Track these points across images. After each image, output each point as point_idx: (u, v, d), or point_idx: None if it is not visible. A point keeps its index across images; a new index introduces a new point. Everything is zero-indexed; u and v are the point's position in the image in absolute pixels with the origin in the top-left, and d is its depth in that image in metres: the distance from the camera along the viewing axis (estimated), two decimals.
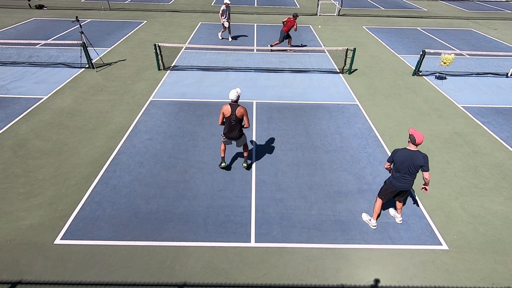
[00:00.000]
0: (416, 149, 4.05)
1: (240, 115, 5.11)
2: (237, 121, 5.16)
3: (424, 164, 4.02)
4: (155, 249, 4.37)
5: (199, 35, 13.80)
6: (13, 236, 4.49)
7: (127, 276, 4.02)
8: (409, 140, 4.10)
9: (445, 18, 18.36)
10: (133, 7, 18.53)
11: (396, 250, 4.47)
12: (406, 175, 4.18)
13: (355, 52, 10.10)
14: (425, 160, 4.03)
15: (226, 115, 5.12)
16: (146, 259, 4.24)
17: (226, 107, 5.08)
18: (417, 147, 4.06)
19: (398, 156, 4.11)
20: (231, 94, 5.02)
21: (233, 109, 5.06)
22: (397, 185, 4.31)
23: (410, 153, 4.05)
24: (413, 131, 4.05)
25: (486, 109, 8.27)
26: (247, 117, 5.18)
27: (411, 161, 4.05)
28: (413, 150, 4.05)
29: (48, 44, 12.10)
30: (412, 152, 4.05)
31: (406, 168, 4.11)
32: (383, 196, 4.55)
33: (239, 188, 5.47)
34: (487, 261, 4.34)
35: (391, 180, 4.38)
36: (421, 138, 3.96)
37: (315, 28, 15.30)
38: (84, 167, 5.82)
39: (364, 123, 7.49)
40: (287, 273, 4.13)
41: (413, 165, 4.07)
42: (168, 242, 4.47)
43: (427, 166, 4.04)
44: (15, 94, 8.29)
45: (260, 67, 10.57)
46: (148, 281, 3.98)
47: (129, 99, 8.30)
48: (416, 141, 3.98)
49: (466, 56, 12.07)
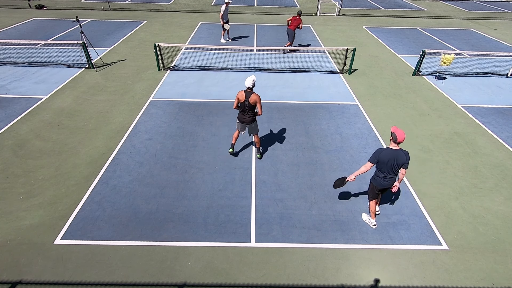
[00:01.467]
0: (399, 148, 4.09)
1: (253, 102, 5.37)
2: (250, 108, 5.46)
3: (406, 161, 4.08)
4: (155, 249, 4.37)
5: (199, 35, 13.80)
6: (13, 236, 4.49)
7: (127, 276, 4.02)
8: (390, 138, 4.11)
9: (445, 18, 18.36)
10: (133, 7, 18.54)
11: (396, 250, 4.47)
12: (390, 173, 4.24)
13: (355, 52, 10.11)
14: (407, 158, 4.07)
15: (241, 100, 5.42)
16: (146, 259, 4.24)
17: (241, 93, 5.38)
18: (399, 145, 4.10)
19: (383, 156, 4.11)
20: (247, 81, 5.29)
21: (247, 96, 5.33)
22: (383, 183, 4.34)
23: (393, 152, 4.08)
24: (395, 129, 4.04)
25: (486, 109, 8.27)
26: (260, 104, 5.45)
27: (395, 160, 4.08)
28: (396, 149, 4.08)
29: (48, 44, 12.11)
30: (395, 151, 4.08)
31: (390, 167, 4.15)
32: (372, 196, 4.60)
33: (239, 188, 5.47)
34: (487, 261, 4.34)
35: (375, 179, 4.41)
36: (403, 136, 3.96)
37: (315, 28, 15.30)
38: (84, 167, 5.82)
39: (364, 123, 7.49)
40: (287, 273, 4.13)
41: (397, 164, 4.11)
42: (168, 242, 4.47)
43: (408, 164, 4.11)
44: (15, 94, 8.29)
45: (260, 67, 10.57)
46: (148, 281, 3.98)
47: (129, 99, 8.30)
48: (397, 140, 3.98)
49: (466, 56, 12.07)
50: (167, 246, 4.42)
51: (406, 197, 5.37)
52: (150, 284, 3.95)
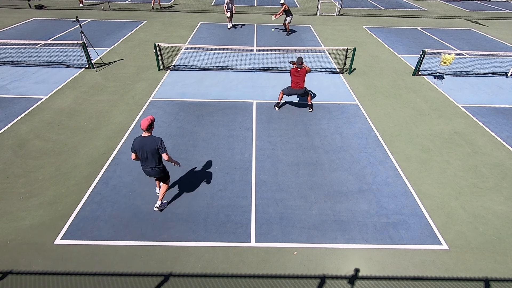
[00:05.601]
0: (149, 134, 4.31)
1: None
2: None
3: (159, 146, 4.30)
4: (155, 249, 4.37)
5: (199, 35, 13.80)
6: (13, 236, 4.49)
7: (127, 276, 4.02)
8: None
9: (445, 18, 18.36)
10: (133, 7, 18.54)
11: (396, 250, 4.47)
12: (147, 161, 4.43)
13: (355, 52, 10.10)
14: (158, 143, 4.30)
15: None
16: (146, 259, 4.24)
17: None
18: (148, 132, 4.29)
19: (135, 145, 4.35)
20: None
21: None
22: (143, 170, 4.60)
23: (143, 139, 4.32)
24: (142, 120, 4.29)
25: (486, 109, 8.27)
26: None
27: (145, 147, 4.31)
28: (145, 136, 4.31)
29: (48, 44, 12.11)
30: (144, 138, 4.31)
31: (145, 154, 4.36)
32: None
33: (239, 188, 5.47)
34: (487, 261, 4.34)
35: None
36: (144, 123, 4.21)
37: (315, 28, 15.30)
38: (84, 167, 5.82)
39: (364, 123, 7.49)
40: (287, 273, 4.13)
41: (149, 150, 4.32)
42: (168, 242, 4.47)
43: (162, 148, 4.31)
44: (15, 94, 8.29)
45: (260, 67, 10.57)
46: (148, 281, 3.98)
47: (129, 99, 8.30)
48: (141, 127, 4.27)
49: (466, 56, 12.07)
50: (167, 246, 4.42)
51: (406, 197, 5.37)
52: (150, 284, 3.95)
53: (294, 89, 7.58)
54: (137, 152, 4.37)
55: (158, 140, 4.31)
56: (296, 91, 7.59)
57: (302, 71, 7.40)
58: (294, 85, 7.55)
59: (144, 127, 4.23)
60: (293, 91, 7.61)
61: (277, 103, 7.95)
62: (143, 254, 4.30)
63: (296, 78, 7.44)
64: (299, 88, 7.55)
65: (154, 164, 4.47)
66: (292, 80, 7.54)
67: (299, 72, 7.39)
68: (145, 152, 4.34)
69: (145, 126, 4.22)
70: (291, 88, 7.60)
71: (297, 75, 7.43)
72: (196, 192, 5.36)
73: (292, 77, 7.50)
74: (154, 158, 4.41)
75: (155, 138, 4.31)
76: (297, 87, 7.53)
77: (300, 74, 7.41)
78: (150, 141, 4.29)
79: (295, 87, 7.55)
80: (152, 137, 4.31)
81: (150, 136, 4.32)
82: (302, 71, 7.40)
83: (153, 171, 4.55)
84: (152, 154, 4.35)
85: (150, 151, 4.32)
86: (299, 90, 7.57)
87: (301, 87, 7.53)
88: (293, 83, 7.53)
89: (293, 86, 7.57)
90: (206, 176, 5.71)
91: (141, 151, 4.34)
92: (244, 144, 6.62)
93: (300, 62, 7.34)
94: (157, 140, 4.30)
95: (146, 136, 4.31)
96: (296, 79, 7.45)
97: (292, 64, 7.59)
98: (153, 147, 4.30)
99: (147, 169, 4.54)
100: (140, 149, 4.33)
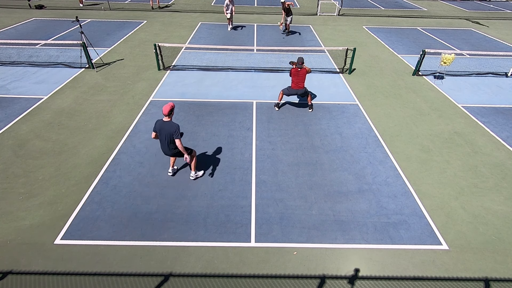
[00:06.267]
0: (169, 119, 4.83)
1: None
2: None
3: (174, 132, 4.79)
4: (155, 249, 4.37)
5: (199, 35, 13.80)
6: (13, 236, 4.50)
7: (127, 276, 4.02)
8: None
9: (445, 18, 18.36)
10: (133, 7, 18.54)
11: (396, 250, 4.47)
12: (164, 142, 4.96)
13: (355, 52, 10.10)
14: (174, 128, 4.78)
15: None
16: (146, 259, 4.24)
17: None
18: (168, 117, 4.81)
19: (156, 126, 4.90)
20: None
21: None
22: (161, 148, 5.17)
23: (163, 123, 4.84)
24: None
25: (486, 109, 8.27)
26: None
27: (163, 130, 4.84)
28: (165, 121, 4.83)
29: (48, 44, 12.11)
30: (164, 122, 4.83)
31: (163, 136, 4.90)
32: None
33: (239, 188, 5.47)
34: (487, 261, 4.34)
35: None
36: (166, 109, 4.73)
37: (315, 28, 15.30)
38: (84, 167, 5.82)
39: (364, 123, 7.49)
40: (287, 273, 4.13)
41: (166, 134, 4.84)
42: (168, 242, 4.47)
43: (176, 134, 4.79)
44: (15, 94, 8.29)
45: (260, 67, 10.57)
46: (148, 281, 3.98)
47: (129, 99, 8.30)
48: (162, 112, 4.80)
49: (466, 56, 12.07)
50: (167, 246, 4.42)
51: (406, 197, 5.37)
52: (150, 284, 3.95)
53: (294, 90, 7.57)
54: (157, 132, 4.93)
55: (175, 126, 4.79)
56: (296, 91, 7.59)
57: (303, 72, 7.39)
58: (294, 86, 7.55)
59: (165, 112, 4.74)
60: (293, 91, 7.60)
61: (277, 103, 7.94)
62: (143, 254, 4.30)
63: (296, 78, 7.44)
64: (299, 88, 7.54)
65: (170, 146, 4.98)
66: (292, 80, 7.53)
67: (299, 72, 7.39)
68: (162, 134, 4.88)
69: (166, 112, 4.74)
70: (291, 89, 7.60)
71: (297, 75, 7.42)
72: (196, 192, 5.36)
73: (292, 77, 7.49)
74: (171, 141, 4.93)
75: (173, 124, 4.80)
76: (297, 87, 7.53)
77: (301, 75, 7.40)
78: (168, 126, 4.81)
79: (295, 87, 7.55)
80: (170, 122, 4.82)
81: (170, 121, 4.83)
82: (302, 72, 7.39)
83: (170, 152, 5.09)
84: (169, 137, 4.86)
85: (167, 135, 4.84)
86: (299, 90, 7.57)
87: (301, 87, 7.53)
88: (293, 84, 7.52)
89: (293, 87, 7.57)
90: (206, 176, 5.71)
91: (159, 133, 4.90)
92: (244, 144, 6.62)
93: (300, 62, 7.34)
94: (174, 126, 4.79)
95: (166, 121, 4.82)
96: (297, 80, 7.45)
97: (292, 65, 7.58)
98: (169, 131, 4.81)
99: (163, 148, 5.09)
100: (159, 131, 4.89)
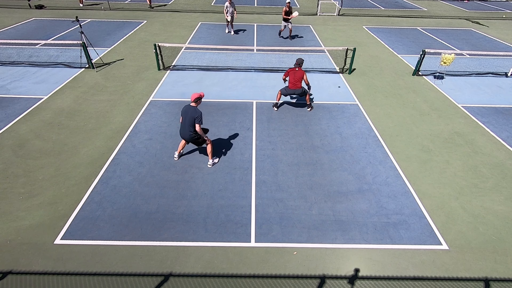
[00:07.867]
0: (195, 105, 5.34)
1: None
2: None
3: (196, 117, 5.25)
4: (155, 249, 4.37)
5: (199, 35, 13.80)
6: (13, 236, 4.50)
7: (127, 276, 4.02)
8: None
9: (445, 18, 18.36)
10: (133, 7, 18.54)
11: (396, 250, 4.47)
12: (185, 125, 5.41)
13: (355, 52, 10.11)
14: (197, 114, 5.25)
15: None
16: (146, 259, 4.24)
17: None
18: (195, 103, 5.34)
19: (182, 110, 5.39)
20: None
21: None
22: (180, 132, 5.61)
23: (189, 107, 5.35)
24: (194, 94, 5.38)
25: (486, 109, 8.27)
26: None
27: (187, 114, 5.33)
28: (191, 106, 5.35)
29: (48, 44, 12.11)
30: (190, 107, 5.35)
31: (186, 119, 5.36)
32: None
33: (239, 188, 5.47)
34: (487, 261, 4.34)
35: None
36: (193, 96, 5.31)
37: (315, 28, 15.30)
38: (84, 167, 5.82)
39: (364, 123, 7.49)
40: (287, 273, 4.13)
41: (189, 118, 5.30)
42: (168, 242, 4.47)
43: (198, 119, 5.26)
44: (15, 94, 8.29)
45: (260, 67, 10.57)
46: (148, 281, 3.98)
47: (129, 99, 8.30)
48: (191, 99, 5.37)
49: (466, 56, 12.07)
50: (167, 246, 4.42)
51: (406, 197, 5.37)
52: (150, 284, 3.95)
53: (292, 89, 7.57)
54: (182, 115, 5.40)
55: (199, 112, 5.26)
56: (294, 91, 7.58)
57: (300, 73, 7.38)
58: (291, 85, 7.54)
59: (192, 99, 5.31)
60: (290, 91, 7.60)
61: (275, 103, 7.94)
62: (143, 254, 4.30)
63: (293, 77, 7.44)
64: (297, 88, 7.54)
65: (189, 130, 5.38)
66: (289, 80, 7.53)
67: (296, 72, 7.38)
68: (186, 117, 5.33)
69: (193, 98, 5.30)
70: (289, 88, 7.59)
71: (294, 74, 7.43)
72: (196, 192, 5.36)
73: (289, 77, 7.48)
74: (191, 125, 5.33)
75: (198, 110, 5.28)
76: (294, 87, 7.52)
77: (297, 75, 7.40)
78: (192, 110, 5.28)
79: (292, 87, 7.54)
80: (195, 108, 5.31)
81: (195, 107, 5.32)
82: (299, 73, 7.39)
83: (187, 136, 5.47)
84: (190, 121, 5.29)
85: (189, 118, 5.29)
86: (296, 90, 7.56)
87: (298, 87, 7.52)
88: (290, 83, 7.52)
89: (291, 87, 7.56)
90: (206, 176, 5.71)
91: (183, 115, 5.37)
92: (244, 144, 6.62)
93: (298, 63, 7.38)
94: (197, 112, 5.26)
95: (192, 106, 5.33)
96: (293, 79, 7.44)
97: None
98: (192, 116, 5.25)
99: (183, 132, 5.48)
100: (183, 113, 5.36)
